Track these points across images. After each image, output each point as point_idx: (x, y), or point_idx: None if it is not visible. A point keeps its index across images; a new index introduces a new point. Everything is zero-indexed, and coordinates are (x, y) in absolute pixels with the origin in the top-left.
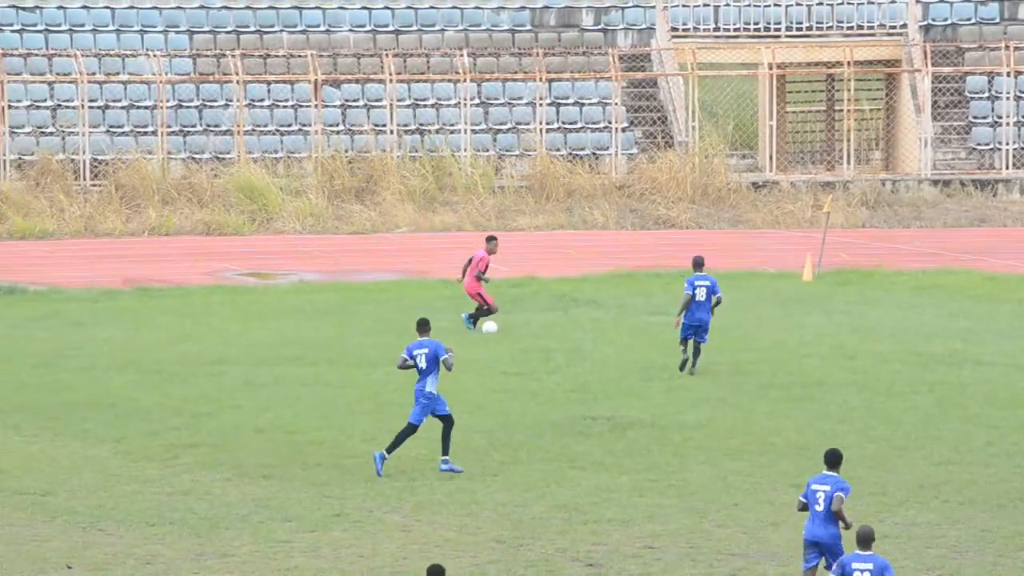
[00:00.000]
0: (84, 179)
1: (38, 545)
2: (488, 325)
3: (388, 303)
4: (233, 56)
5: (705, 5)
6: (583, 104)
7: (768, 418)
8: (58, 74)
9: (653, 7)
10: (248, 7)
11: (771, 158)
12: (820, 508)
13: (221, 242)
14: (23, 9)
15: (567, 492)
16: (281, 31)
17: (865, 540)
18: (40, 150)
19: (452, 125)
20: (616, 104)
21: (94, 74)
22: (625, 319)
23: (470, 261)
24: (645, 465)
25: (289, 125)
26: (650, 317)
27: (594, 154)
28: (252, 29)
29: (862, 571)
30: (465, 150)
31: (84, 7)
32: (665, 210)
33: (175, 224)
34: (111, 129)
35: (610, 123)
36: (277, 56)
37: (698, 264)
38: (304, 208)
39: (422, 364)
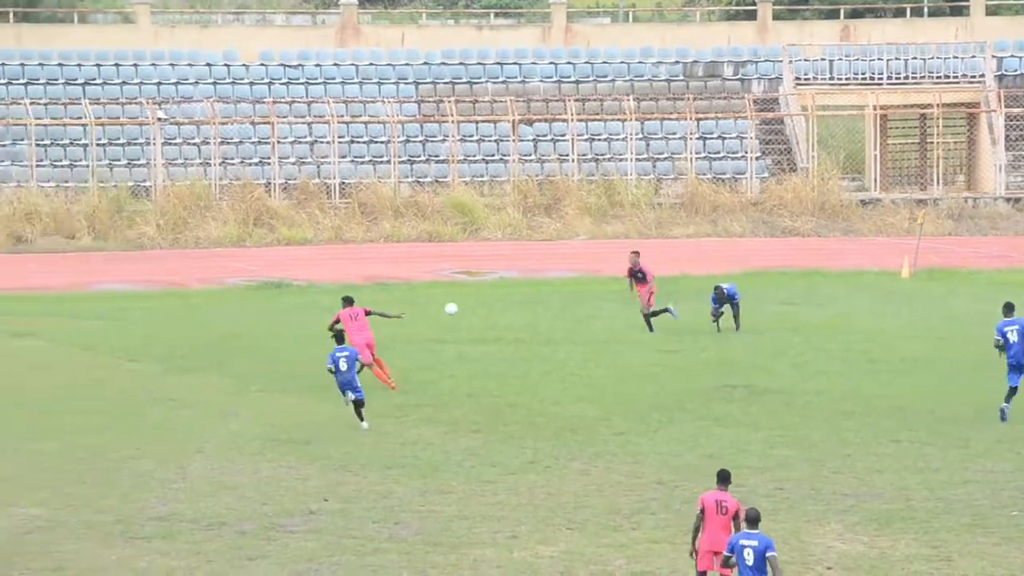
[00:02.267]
0: (334, 198)
1: (301, 482)
2: (449, 307)
3: (569, 295)
4: (449, 101)
5: (822, 59)
6: (724, 138)
7: (873, 386)
8: (315, 116)
9: (781, 61)
10: (461, 63)
11: (875, 180)
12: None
13: (439, 247)
14: (289, 66)
15: (713, 444)
16: (487, 82)
17: (752, 520)
18: (301, 176)
19: (620, 155)
20: (751, 138)
21: (342, 116)
22: (758, 308)
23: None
24: (775, 424)
25: (492, 155)
26: (779, 307)
27: (733, 177)
28: (464, 80)
29: (746, 547)
30: (630, 174)
31: (335, 64)
32: (790, 222)
33: (404, 233)
34: (355, 159)
35: (746, 153)
36: (483, 101)
37: (1009, 308)
38: (504, 220)
39: None
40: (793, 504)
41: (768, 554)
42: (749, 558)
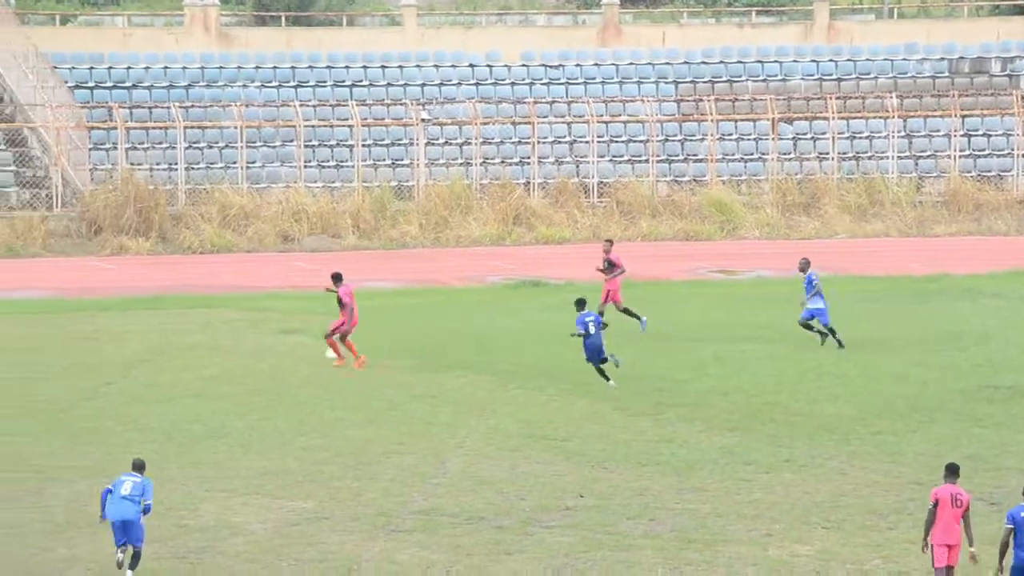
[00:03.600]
0: (592, 197)
1: (558, 478)
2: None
3: (828, 295)
4: (709, 100)
5: None
6: (990, 135)
7: None
8: (575, 116)
9: None
10: (721, 62)
11: None
12: None
13: (696, 246)
14: (550, 67)
15: (973, 445)
16: (747, 80)
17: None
18: (560, 175)
19: (882, 153)
20: (1018, 135)
21: (602, 116)
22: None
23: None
24: None
25: (751, 154)
26: None
27: (999, 175)
28: (724, 79)
29: None
30: (891, 173)
31: (595, 64)
32: None
33: (661, 232)
34: (613, 158)
35: (1013, 150)
36: (743, 100)
37: None
38: (762, 219)
39: None
40: None
41: None
42: None
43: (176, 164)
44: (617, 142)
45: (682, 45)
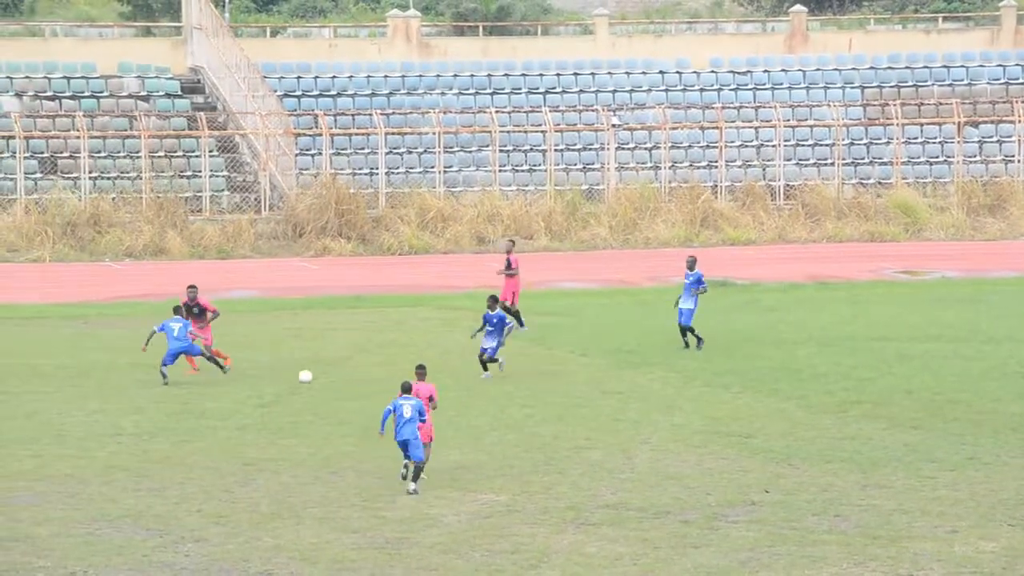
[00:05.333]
0: (778, 200)
1: (743, 474)
2: (303, 374)
3: (1013, 294)
4: (895, 104)
5: None
6: None
7: None
8: (762, 121)
9: None
10: (907, 67)
11: None
12: None
13: (881, 247)
14: (738, 73)
15: None
16: (933, 85)
17: None
18: (746, 178)
19: None
20: None
21: (788, 120)
22: None
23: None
24: None
25: (936, 157)
26: None
27: None
28: (910, 83)
29: None
30: None
31: (782, 70)
32: None
33: (846, 233)
34: (799, 161)
35: None
36: (928, 104)
37: None
38: (947, 221)
39: None
40: None
41: None
42: None
43: (377, 169)
44: (803, 146)
45: (868, 51)
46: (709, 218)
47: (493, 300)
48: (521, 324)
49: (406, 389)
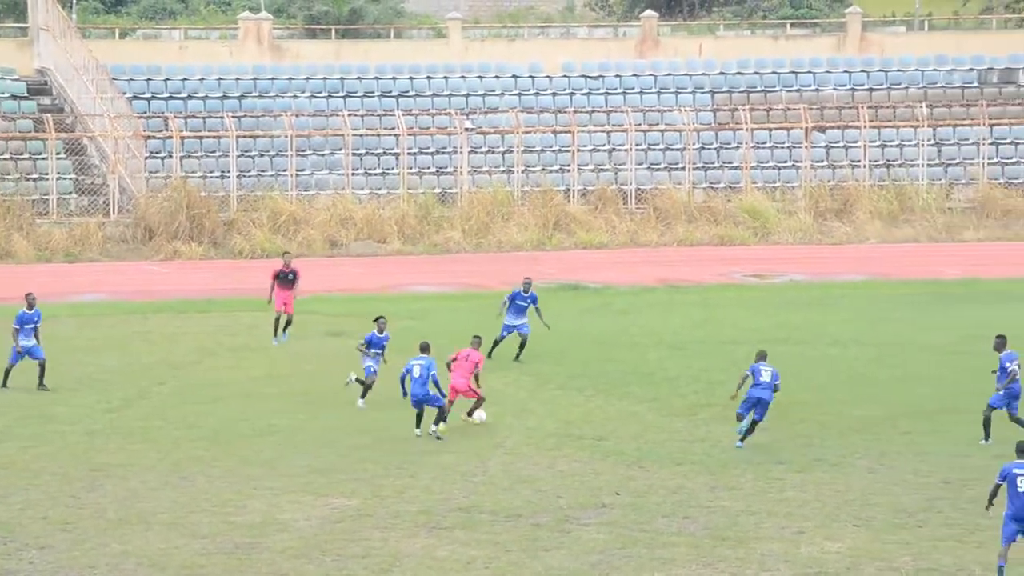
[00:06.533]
0: (630, 204)
1: (594, 477)
2: (479, 414)
3: (858, 298)
4: (744, 109)
5: None
6: (1018, 143)
7: None
8: (614, 125)
9: None
10: (756, 72)
11: None
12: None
13: (731, 251)
14: (590, 77)
15: (999, 447)
16: (781, 90)
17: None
18: (599, 182)
19: (912, 161)
20: None
21: (640, 125)
22: None
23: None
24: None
25: (785, 161)
26: None
27: None
28: (759, 89)
29: (1019, 476)
30: (922, 180)
31: (634, 74)
32: None
33: (696, 237)
34: (651, 166)
35: None
36: (777, 109)
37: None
38: (795, 225)
39: None
40: None
41: None
42: (1022, 485)
43: (228, 172)
44: (655, 150)
45: (718, 56)
46: (561, 222)
47: (382, 321)
48: (278, 334)
49: (424, 348)
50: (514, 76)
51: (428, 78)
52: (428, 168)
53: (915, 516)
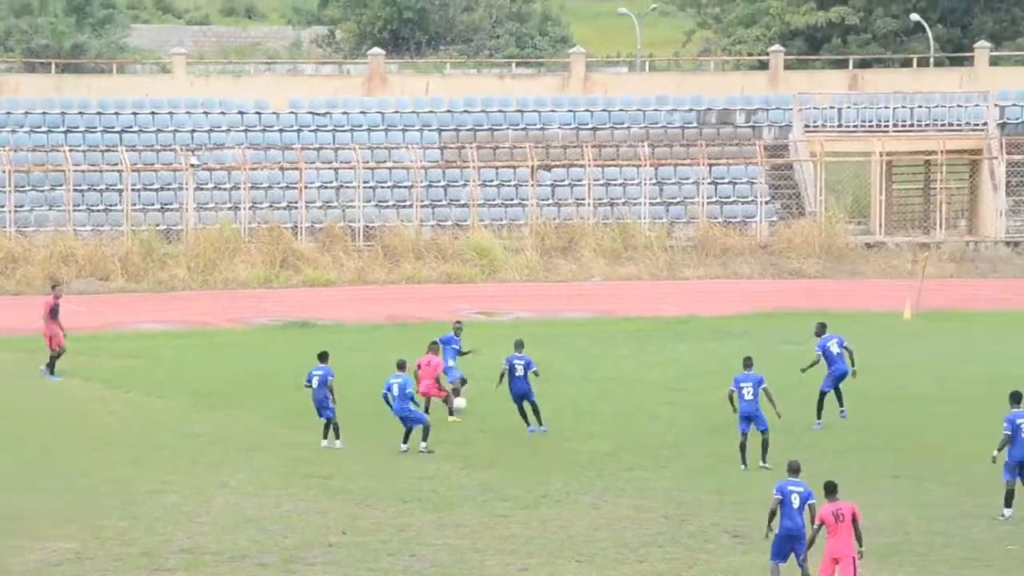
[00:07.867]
0: (359, 241)
1: (321, 516)
2: (458, 403)
3: (583, 335)
4: (471, 147)
5: (831, 108)
6: (735, 183)
7: (876, 423)
8: (342, 162)
9: (791, 109)
10: (483, 111)
11: (880, 224)
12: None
13: (458, 288)
14: (317, 114)
15: (718, 480)
16: (507, 129)
17: (794, 470)
18: (327, 219)
19: (635, 199)
20: (761, 183)
21: (368, 162)
22: (767, 347)
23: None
24: (772, 460)
25: (511, 199)
26: (784, 346)
27: (743, 221)
28: (485, 127)
29: (794, 492)
30: (644, 218)
31: (361, 112)
32: (798, 264)
33: (425, 274)
34: (379, 203)
35: (756, 197)
36: (503, 147)
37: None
38: (521, 262)
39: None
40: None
41: (809, 501)
42: (796, 502)
43: None
44: (383, 187)
45: (445, 94)
46: (289, 259)
47: (323, 355)
48: (52, 372)
49: (400, 367)
50: (240, 112)
51: (152, 113)
52: (152, 204)
53: (636, 551)
